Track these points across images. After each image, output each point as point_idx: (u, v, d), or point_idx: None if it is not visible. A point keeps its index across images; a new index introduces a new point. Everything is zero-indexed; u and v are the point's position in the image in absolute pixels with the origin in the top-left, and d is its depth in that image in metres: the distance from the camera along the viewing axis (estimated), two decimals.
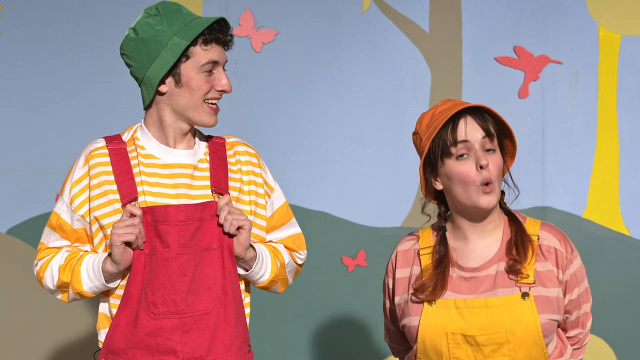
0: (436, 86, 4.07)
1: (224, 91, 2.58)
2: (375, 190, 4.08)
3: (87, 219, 2.59)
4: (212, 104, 2.58)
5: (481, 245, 2.47)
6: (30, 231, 4.11)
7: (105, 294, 2.61)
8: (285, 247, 2.74)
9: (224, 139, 2.72)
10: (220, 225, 2.54)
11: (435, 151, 2.44)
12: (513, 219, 2.49)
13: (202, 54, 2.56)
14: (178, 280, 2.50)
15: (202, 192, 2.58)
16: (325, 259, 4.06)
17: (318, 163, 4.08)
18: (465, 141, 2.39)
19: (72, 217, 2.60)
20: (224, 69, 2.60)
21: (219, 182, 2.60)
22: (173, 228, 2.50)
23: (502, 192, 2.50)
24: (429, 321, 2.43)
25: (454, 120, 2.41)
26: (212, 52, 2.56)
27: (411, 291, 2.50)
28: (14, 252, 4.12)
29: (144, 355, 2.50)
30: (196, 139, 2.67)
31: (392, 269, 2.60)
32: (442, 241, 2.50)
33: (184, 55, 2.55)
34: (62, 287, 2.59)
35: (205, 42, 2.55)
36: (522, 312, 2.37)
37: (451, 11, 4.09)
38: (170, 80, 2.57)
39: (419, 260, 2.52)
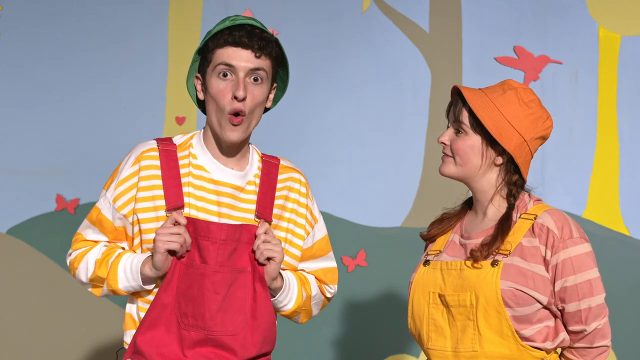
0: (436, 86, 4.07)
1: (236, 98, 2.46)
2: (375, 190, 4.08)
3: (130, 219, 2.55)
4: (233, 115, 2.48)
5: (483, 218, 2.60)
6: (30, 231, 4.11)
7: (134, 294, 2.59)
8: (317, 278, 2.72)
9: (278, 161, 2.67)
10: (253, 252, 2.52)
11: None
12: (507, 214, 2.57)
13: (217, 54, 2.49)
14: (210, 297, 2.49)
15: (244, 215, 2.55)
16: None
17: (318, 163, 4.08)
18: (448, 118, 2.63)
19: (113, 215, 2.57)
20: (249, 78, 2.49)
21: (264, 208, 2.57)
22: (213, 245, 2.48)
23: (515, 184, 2.59)
24: (419, 280, 2.59)
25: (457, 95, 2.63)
26: (226, 53, 2.47)
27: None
28: (14, 252, 4.12)
29: None
30: (249, 157, 2.62)
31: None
32: (465, 203, 2.70)
33: (208, 60, 2.51)
34: (96, 281, 2.58)
35: (224, 44, 2.48)
36: (487, 277, 2.46)
37: (451, 11, 4.09)
38: (202, 88, 2.55)
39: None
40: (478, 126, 2.53)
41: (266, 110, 2.63)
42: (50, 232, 4.11)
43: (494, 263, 2.46)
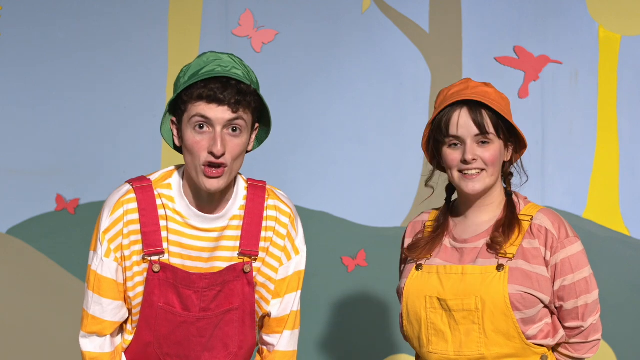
0: (436, 86, 4.07)
1: (212, 154, 2.34)
2: (375, 190, 4.08)
3: (122, 266, 2.47)
4: (209, 166, 2.37)
5: (477, 221, 2.58)
6: (30, 231, 4.11)
7: (119, 330, 2.58)
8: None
9: (264, 191, 2.53)
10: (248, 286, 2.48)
11: (434, 135, 2.58)
12: (510, 203, 2.58)
13: (192, 107, 2.35)
14: (195, 340, 2.48)
15: (226, 254, 2.48)
16: (325, 259, 4.06)
17: (318, 163, 4.08)
18: (456, 137, 2.51)
19: (112, 270, 2.47)
20: (227, 129, 2.37)
21: (249, 243, 2.47)
22: (195, 294, 2.44)
23: (511, 174, 2.61)
24: (413, 284, 2.56)
25: (454, 109, 2.52)
26: (200, 107, 2.35)
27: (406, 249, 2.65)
28: (14, 252, 4.12)
29: None
30: (234, 191, 2.49)
31: (402, 240, 2.73)
32: (443, 211, 2.65)
33: (182, 110, 2.39)
34: None
35: (197, 98, 2.34)
36: (493, 282, 2.46)
37: (451, 11, 4.09)
38: (178, 134, 2.43)
39: (423, 230, 2.67)
40: (499, 131, 2.52)
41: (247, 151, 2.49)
42: (50, 232, 4.10)
43: (499, 267, 2.47)
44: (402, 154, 4.07)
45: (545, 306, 2.51)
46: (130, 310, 2.52)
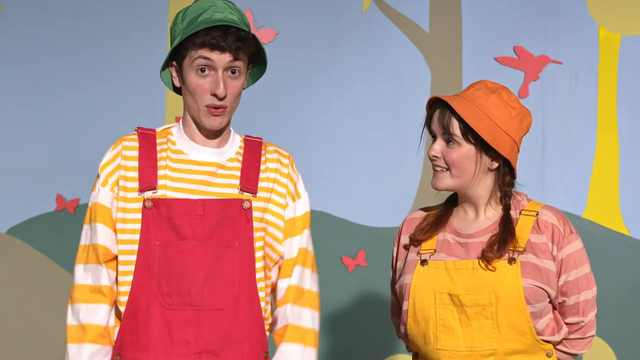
0: (436, 86, 4.07)
1: (216, 96, 2.51)
2: (375, 190, 4.08)
3: (118, 196, 2.55)
4: (212, 107, 2.53)
5: (478, 219, 2.59)
6: (30, 231, 4.11)
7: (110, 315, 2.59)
8: (297, 261, 2.71)
9: (261, 139, 2.70)
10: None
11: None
12: (507, 217, 2.58)
13: (194, 52, 2.50)
14: (193, 272, 2.50)
15: (225, 190, 2.56)
16: (325, 259, 4.05)
17: (318, 163, 4.08)
18: (432, 131, 2.57)
19: (109, 199, 2.56)
20: (227, 72, 2.52)
21: (248, 179, 2.59)
22: (190, 222, 2.51)
23: (507, 195, 2.58)
24: (420, 280, 2.54)
25: (436, 105, 2.57)
26: (204, 52, 2.50)
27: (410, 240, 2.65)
28: (14, 252, 4.12)
29: (156, 346, 2.50)
30: (230, 137, 2.64)
31: (398, 236, 2.72)
32: (447, 202, 2.66)
33: (183, 55, 2.52)
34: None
35: (200, 45, 2.49)
36: (507, 276, 2.47)
37: (451, 11, 4.10)
38: (178, 75, 2.57)
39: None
40: (471, 135, 2.51)
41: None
42: (50, 232, 4.11)
43: (510, 261, 2.48)
44: (402, 154, 4.07)
45: (550, 301, 2.54)
46: (125, 263, 2.54)
